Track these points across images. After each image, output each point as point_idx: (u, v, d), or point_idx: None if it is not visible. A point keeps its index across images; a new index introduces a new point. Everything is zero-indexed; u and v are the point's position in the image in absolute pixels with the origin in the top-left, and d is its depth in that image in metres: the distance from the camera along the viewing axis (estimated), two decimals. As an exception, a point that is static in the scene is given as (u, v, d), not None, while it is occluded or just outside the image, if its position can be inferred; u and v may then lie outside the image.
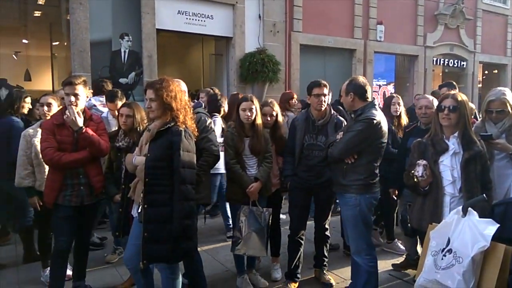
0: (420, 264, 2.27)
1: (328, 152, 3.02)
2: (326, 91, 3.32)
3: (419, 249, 3.87)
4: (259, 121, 3.35)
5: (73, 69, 5.69)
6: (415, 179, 2.57)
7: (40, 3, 7.15)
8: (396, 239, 4.44)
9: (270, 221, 3.34)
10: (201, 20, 6.97)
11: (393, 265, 3.98)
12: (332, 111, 3.43)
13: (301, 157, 3.37)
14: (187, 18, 6.84)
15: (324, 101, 3.32)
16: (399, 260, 4.07)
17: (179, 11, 6.70)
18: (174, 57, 9.57)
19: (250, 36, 7.54)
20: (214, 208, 5.34)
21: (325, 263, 3.68)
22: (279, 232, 3.81)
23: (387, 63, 10.42)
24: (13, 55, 10.14)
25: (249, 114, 3.28)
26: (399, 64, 10.84)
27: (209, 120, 3.40)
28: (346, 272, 3.70)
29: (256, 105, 3.33)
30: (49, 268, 3.57)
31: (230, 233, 4.03)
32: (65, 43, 7.33)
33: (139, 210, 2.58)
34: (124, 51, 6.13)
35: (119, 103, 4.02)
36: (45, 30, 8.24)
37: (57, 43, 8.72)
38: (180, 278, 2.75)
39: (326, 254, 3.67)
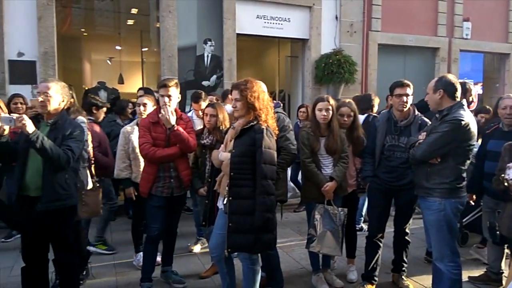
0: (509, 278, 2.15)
1: (410, 153, 2.97)
2: (409, 91, 3.26)
3: (503, 264, 3.62)
4: (335, 121, 3.39)
5: (162, 73, 6.17)
6: (506, 183, 2.44)
7: (133, 12, 7.86)
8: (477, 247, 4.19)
9: (345, 221, 3.36)
10: (279, 23, 7.14)
11: (469, 277, 3.68)
12: (416, 112, 3.35)
13: (382, 158, 3.34)
14: (265, 22, 7.05)
15: (407, 102, 3.26)
16: (476, 272, 3.78)
17: (258, 15, 6.93)
18: (251, 60, 9.87)
19: (326, 37, 7.53)
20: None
21: (404, 268, 3.59)
22: (354, 233, 3.79)
23: (474, 62, 9.71)
24: (107, 61, 11.21)
25: (326, 114, 3.33)
26: (488, 63, 10.03)
27: (287, 120, 3.52)
28: (425, 280, 3.58)
29: (332, 105, 3.37)
30: (141, 253, 3.96)
31: None
32: (155, 49, 7.94)
33: (224, 202, 2.77)
34: (207, 56, 6.52)
35: (203, 104, 4.31)
36: (136, 37, 8.99)
37: (146, 49, 9.47)
38: (260, 269, 2.89)
39: (405, 259, 3.58)
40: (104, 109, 4.43)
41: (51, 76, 5.26)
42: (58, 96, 2.80)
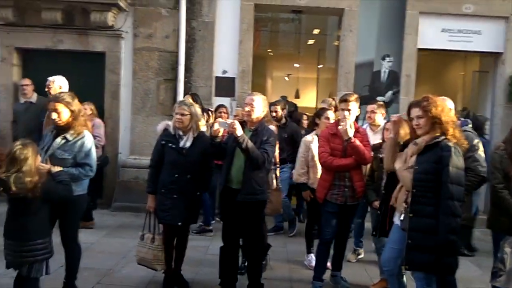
0: None
1: None
2: None
3: None
4: None
5: (338, 89, 6.44)
6: None
7: (314, 33, 8.44)
8: None
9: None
10: (467, 37, 6.59)
11: None
12: None
13: None
14: (450, 35, 6.62)
15: None
16: None
17: (443, 29, 6.56)
18: (430, 76, 9.31)
19: (525, 50, 6.58)
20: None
21: None
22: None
23: None
24: (285, 77, 12.24)
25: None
26: None
27: (476, 139, 3.30)
28: None
29: None
30: (311, 254, 4.26)
31: None
32: (331, 66, 8.35)
33: (401, 218, 2.80)
34: (384, 71, 6.51)
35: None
36: (314, 56, 9.60)
37: (321, 66, 10.01)
38: (435, 292, 2.80)
39: None
40: None
41: (247, 91, 6.13)
42: (260, 107, 3.33)
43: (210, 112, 4.65)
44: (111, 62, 6.28)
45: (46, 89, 4.95)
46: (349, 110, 3.55)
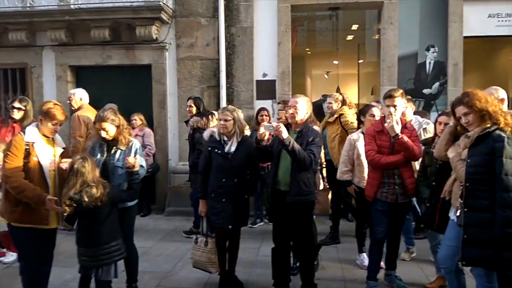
0: None
1: None
2: None
3: None
4: None
5: (382, 83, 6.32)
6: None
7: (353, 28, 8.31)
8: None
9: None
10: (517, 20, 6.26)
11: None
12: None
13: None
14: (498, 21, 6.31)
15: None
16: None
17: (489, 14, 6.25)
18: (477, 63, 8.87)
19: None
20: None
21: None
22: None
23: None
24: (324, 75, 12.12)
25: None
26: None
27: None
28: None
29: None
30: (363, 254, 4.23)
31: None
32: (371, 60, 8.17)
33: (457, 214, 2.72)
34: (429, 62, 6.30)
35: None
36: (353, 51, 9.43)
37: (361, 61, 9.82)
38: (496, 289, 2.70)
39: None
40: None
41: (287, 92, 6.18)
42: (304, 109, 3.36)
43: (210, 116, 4.81)
44: (157, 73, 6.57)
45: (68, 101, 5.27)
46: (394, 106, 3.49)
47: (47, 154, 3.09)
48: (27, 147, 2.99)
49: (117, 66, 6.67)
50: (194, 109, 5.14)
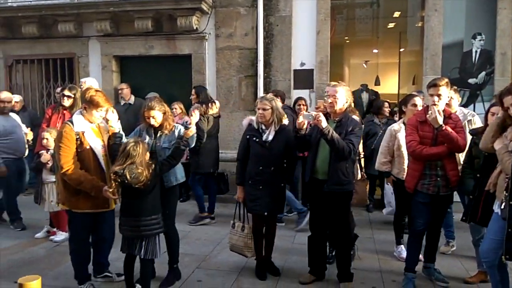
0: None
1: None
2: None
3: None
4: None
5: (425, 72, 6.13)
6: None
7: (395, 16, 8.07)
8: None
9: None
10: None
11: None
12: None
13: None
14: (552, 6, 5.93)
15: None
16: None
17: (543, -1, 5.91)
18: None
19: None
20: None
21: None
22: None
23: None
24: (363, 64, 11.86)
25: None
26: None
27: None
28: None
29: None
30: (401, 246, 4.18)
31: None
32: (414, 49, 7.90)
33: (502, 207, 2.64)
34: (476, 51, 6.03)
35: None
36: (394, 39, 9.16)
37: (402, 49, 9.53)
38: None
39: None
40: None
41: (325, 81, 6.12)
42: (343, 98, 3.35)
43: (210, 104, 4.94)
44: (197, 63, 6.70)
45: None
46: (439, 95, 3.38)
47: (97, 141, 3.26)
48: (78, 137, 3.15)
49: (159, 56, 6.86)
50: (195, 97, 5.33)
